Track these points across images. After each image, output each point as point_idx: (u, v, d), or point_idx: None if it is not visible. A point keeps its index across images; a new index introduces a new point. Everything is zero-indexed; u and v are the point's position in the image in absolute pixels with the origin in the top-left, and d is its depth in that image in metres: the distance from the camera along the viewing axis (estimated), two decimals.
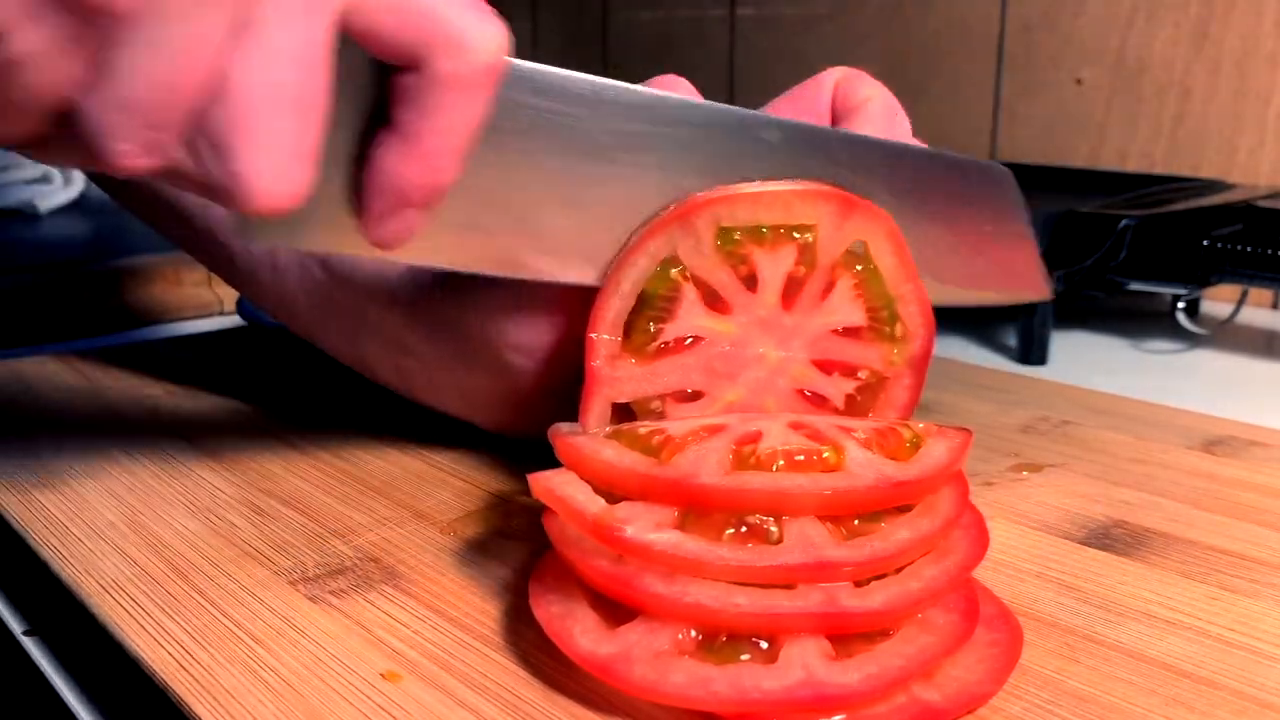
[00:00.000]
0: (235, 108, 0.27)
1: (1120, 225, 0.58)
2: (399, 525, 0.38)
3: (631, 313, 0.35)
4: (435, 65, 0.28)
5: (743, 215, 0.35)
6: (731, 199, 0.35)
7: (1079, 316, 0.70)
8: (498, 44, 0.29)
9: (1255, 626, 0.31)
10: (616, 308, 0.35)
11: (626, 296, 0.35)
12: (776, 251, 0.36)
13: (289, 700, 0.27)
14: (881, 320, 0.37)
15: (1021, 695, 0.27)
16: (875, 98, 0.40)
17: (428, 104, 0.29)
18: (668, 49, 1.20)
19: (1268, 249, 0.57)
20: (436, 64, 0.28)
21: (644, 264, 0.35)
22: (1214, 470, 0.42)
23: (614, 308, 0.35)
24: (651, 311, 0.35)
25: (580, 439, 0.30)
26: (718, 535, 0.27)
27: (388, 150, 0.30)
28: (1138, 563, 0.35)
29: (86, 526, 0.37)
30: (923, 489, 0.29)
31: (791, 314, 0.36)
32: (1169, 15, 0.79)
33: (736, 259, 0.35)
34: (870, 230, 0.36)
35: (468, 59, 0.29)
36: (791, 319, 0.36)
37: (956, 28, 0.92)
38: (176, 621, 0.31)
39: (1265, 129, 0.75)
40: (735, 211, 0.35)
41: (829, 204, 0.36)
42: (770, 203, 0.35)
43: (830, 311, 0.36)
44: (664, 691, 0.26)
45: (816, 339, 0.36)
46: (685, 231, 0.35)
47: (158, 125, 0.26)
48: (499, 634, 0.30)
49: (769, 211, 0.35)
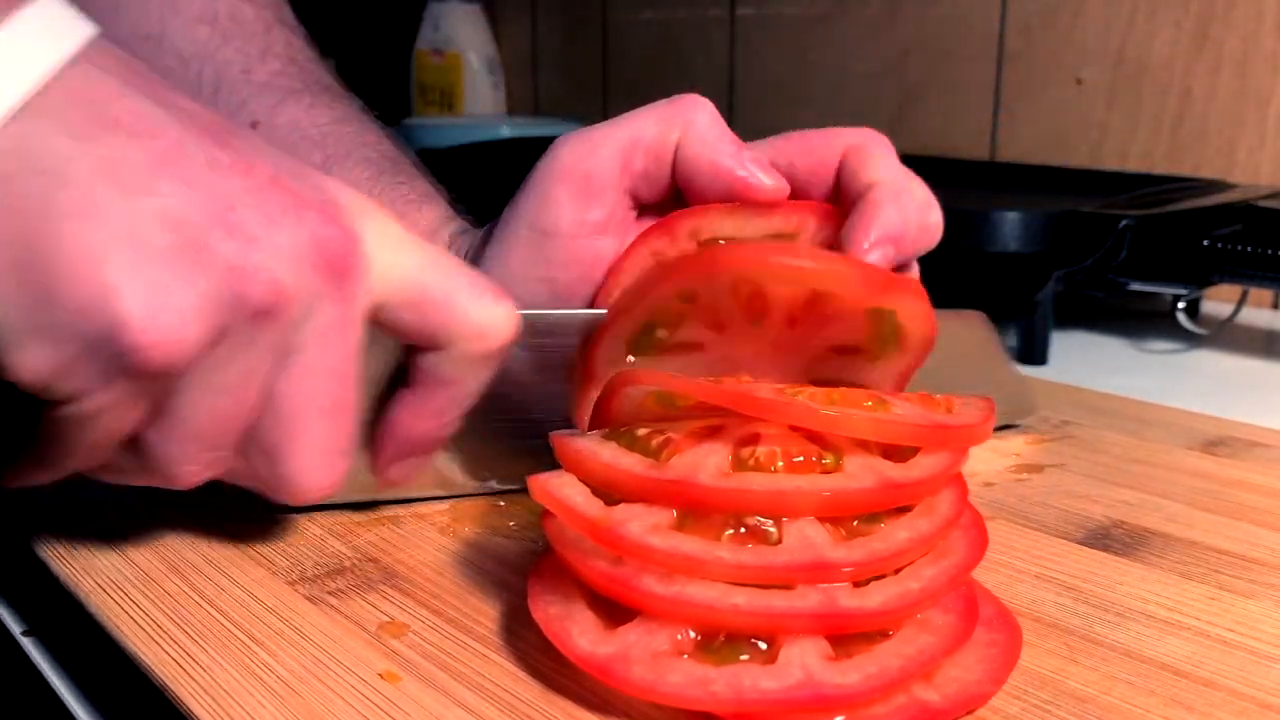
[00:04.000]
0: (282, 420, 0.30)
1: (1120, 225, 0.58)
2: (398, 525, 0.37)
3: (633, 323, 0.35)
4: (452, 351, 0.32)
5: (722, 225, 0.35)
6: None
7: (1079, 316, 0.70)
8: (508, 327, 0.33)
9: (1255, 627, 0.31)
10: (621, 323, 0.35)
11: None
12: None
13: (288, 700, 0.27)
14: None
15: (1021, 696, 0.27)
16: (883, 183, 0.37)
17: (444, 376, 0.33)
18: (668, 49, 1.20)
19: (1268, 249, 0.57)
20: (453, 350, 0.32)
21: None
22: (1214, 470, 0.42)
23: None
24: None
25: (580, 441, 0.30)
26: (716, 536, 0.27)
27: (405, 408, 0.34)
28: (1137, 563, 0.35)
29: (86, 526, 0.37)
30: (922, 491, 0.29)
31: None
32: (1169, 15, 0.79)
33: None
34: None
35: (482, 345, 0.32)
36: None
37: (956, 28, 0.92)
38: (175, 621, 0.31)
39: (1265, 129, 0.75)
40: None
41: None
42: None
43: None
44: (662, 692, 0.26)
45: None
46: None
47: (215, 446, 0.30)
48: (498, 634, 0.30)
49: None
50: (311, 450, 0.30)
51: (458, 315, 0.32)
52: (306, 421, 0.30)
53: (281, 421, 0.30)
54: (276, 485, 0.31)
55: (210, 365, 0.28)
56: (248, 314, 0.28)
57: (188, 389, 0.28)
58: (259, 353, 0.29)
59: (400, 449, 0.34)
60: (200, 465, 0.30)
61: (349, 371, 0.30)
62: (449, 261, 0.33)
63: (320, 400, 0.30)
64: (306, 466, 0.31)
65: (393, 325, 0.32)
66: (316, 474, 0.31)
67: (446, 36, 1.43)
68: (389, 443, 0.34)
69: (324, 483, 0.31)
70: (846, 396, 0.30)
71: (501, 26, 1.46)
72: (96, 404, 0.27)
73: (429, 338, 0.32)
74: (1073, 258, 0.60)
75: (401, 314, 0.32)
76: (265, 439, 0.30)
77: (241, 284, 0.27)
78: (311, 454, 0.31)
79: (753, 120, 1.06)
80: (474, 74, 1.42)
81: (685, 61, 1.18)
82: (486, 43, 1.45)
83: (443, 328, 0.32)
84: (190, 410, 0.29)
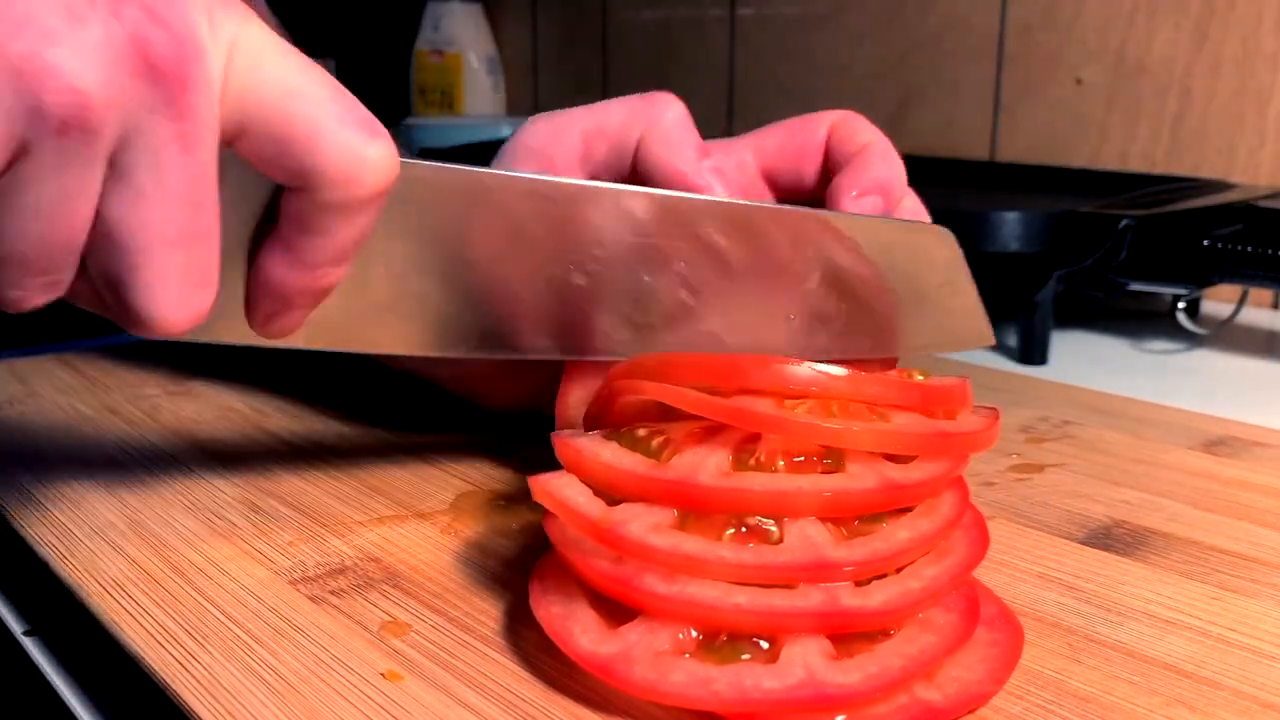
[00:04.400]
0: (121, 248, 0.27)
1: (1120, 225, 0.58)
2: (399, 524, 0.38)
3: None
4: (317, 194, 0.28)
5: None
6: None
7: (1079, 316, 0.70)
8: (383, 170, 0.28)
9: (1256, 626, 0.31)
10: None
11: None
12: None
13: (289, 700, 0.27)
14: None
15: (1023, 695, 0.27)
16: (874, 143, 0.40)
17: (311, 224, 0.29)
18: (668, 49, 1.20)
19: (1268, 249, 0.57)
20: (319, 193, 0.28)
21: None
22: (1214, 470, 0.42)
23: None
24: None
25: (580, 441, 0.31)
26: (718, 536, 0.27)
27: (272, 259, 0.30)
28: (1138, 563, 0.35)
29: (86, 526, 0.37)
30: (923, 493, 0.29)
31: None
32: (1169, 15, 0.79)
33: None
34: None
35: (351, 189, 0.28)
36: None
37: (956, 28, 0.92)
38: (176, 621, 0.31)
39: (1265, 129, 0.75)
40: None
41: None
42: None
43: None
44: (664, 691, 0.26)
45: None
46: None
47: (45, 271, 0.26)
48: (499, 634, 0.30)
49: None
50: (162, 283, 0.27)
51: (322, 152, 0.27)
52: (152, 252, 0.27)
53: (120, 251, 0.27)
54: (127, 317, 0.28)
55: (15, 184, 0.25)
56: (50, 127, 0.24)
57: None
58: (75, 171, 0.25)
59: (272, 302, 0.30)
60: (31, 290, 0.27)
61: (198, 198, 0.27)
62: (320, 83, 0.28)
63: (165, 229, 0.26)
64: (158, 299, 0.27)
65: (254, 157, 0.28)
66: (170, 308, 0.27)
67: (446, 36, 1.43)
68: (259, 294, 0.30)
69: (180, 317, 0.28)
70: (846, 407, 0.30)
71: (501, 26, 1.46)
72: None
73: (292, 176, 0.28)
74: (1073, 258, 0.60)
75: (261, 145, 0.28)
76: (105, 268, 0.27)
77: (36, 89, 0.24)
78: (163, 287, 0.27)
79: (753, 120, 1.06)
80: (474, 74, 1.42)
81: (685, 61, 1.18)
82: (486, 43, 1.45)
83: (304, 166, 0.28)
84: (4, 231, 0.25)
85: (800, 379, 0.30)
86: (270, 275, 0.30)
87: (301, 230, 0.29)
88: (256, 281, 0.30)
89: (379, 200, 0.29)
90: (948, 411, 0.31)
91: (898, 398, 0.30)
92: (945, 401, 0.31)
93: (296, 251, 0.29)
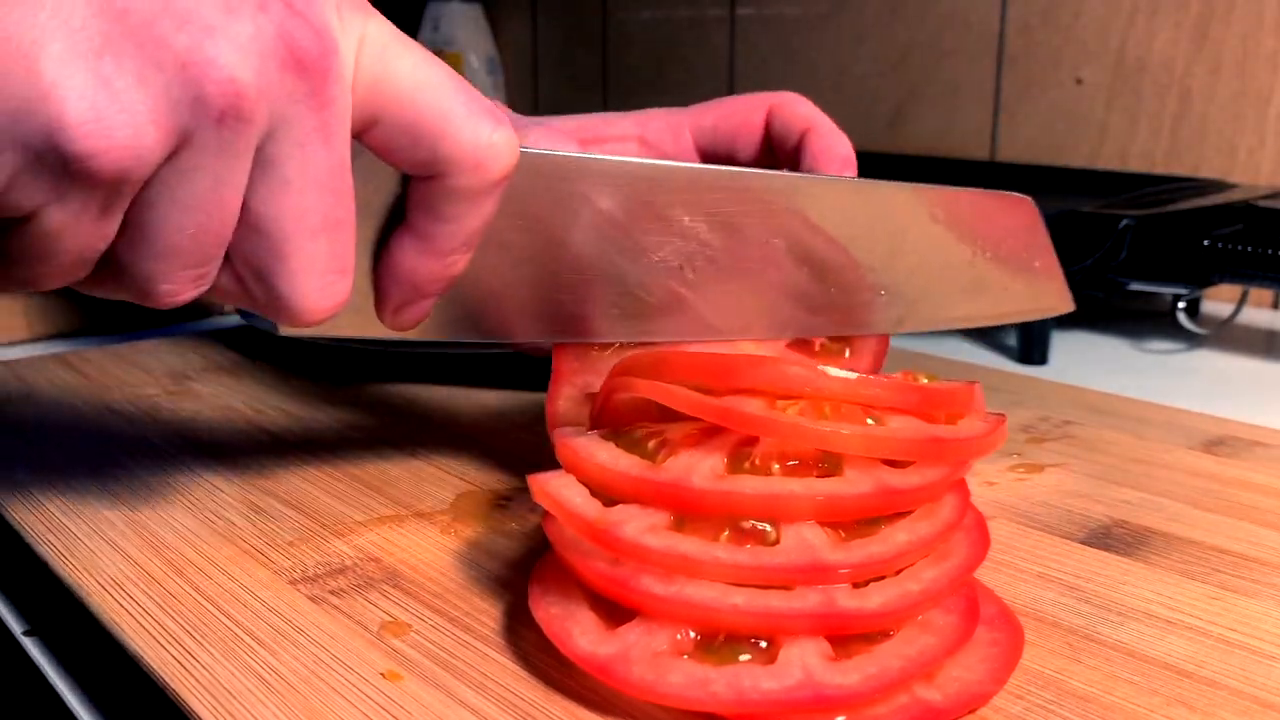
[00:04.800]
0: (269, 238, 0.28)
1: (1120, 225, 0.58)
2: (399, 524, 0.37)
3: None
4: (448, 181, 0.29)
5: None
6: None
7: (1079, 316, 0.70)
8: (508, 155, 0.30)
9: (1256, 626, 0.31)
10: None
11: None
12: None
13: (289, 699, 0.27)
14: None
15: (1023, 695, 0.27)
16: (820, 115, 0.42)
17: (442, 211, 0.30)
18: (668, 49, 1.20)
19: (1268, 249, 0.57)
20: (449, 180, 0.29)
21: None
22: (1214, 470, 0.42)
23: None
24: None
25: (579, 441, 0.30)
26: (714, 537, 0.27)
27: (404, 249, 0.31)
28: (1139, 563, 0.35)
29: (86, 526, 0.37)
30: (921, 498, 0.29)
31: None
32: (1169, 15, 0.79)
33: None
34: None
35: (480, 175, 0.29)
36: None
37: (956, 28, 0.92)
38: (176, 621, 0.31)
39: (1265, 129, 0.75)
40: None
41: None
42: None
43: None
44: (662, 692, 0.26)
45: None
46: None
47: (196, 264, 0.28)
48: (499, 634, 0.30)
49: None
50: (306, 271, 0.28)
51: (451, 140, 0.29)
52: (296, 240, 0.28)
53: (267, 240, 0.28)
54: (272, 306, 0.29)
55: (174, 175, 0.26)
56: (210, 116, 0.25)
57: (155, 202, 0.26)
58: (228, 162, 0.26)
59: (403, 291, 0.32)
60: (182, 284, 0.28)
61: (338, 186, 0.28)
62: (445, 75, 0.29)
63: (308, 218, 0.28)
64: (302, 288, 0.28)
65: (385, 148, 0.29)
66: (314, 296, 0.29)
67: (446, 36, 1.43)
68: (390, 284, 0.32)
69: (323, 305, 0.29)
70: (840, 410, 0.30)
71: (501, 26, 1.46)
72: (54, 220, 0.25)
73: (422, 165, 0.29)
74: (1073, 258, 0.59)
75: (392, 136, 0.29)
76: (252, 259, 0.28)
77: (198, 80, 0.25)
78: (306, 275, 0.28)
79: None
80: (474, 74, 1.42)
81: (685, 61, 1.18)
82: (486, 43, 1.45)
83: (436, 154, 0.29)
84: (160, 225, 0.26)
85: (794, 379, 0.29)
86: (402, 264, 0.31)
87: (433, 218, 0.30)
88: (389, 272, 0.31)
89: (503, 185, 0.30)
90: (950, 416, 0.31)
91: (895, 400, 0.30)
92: (946, 405, 0.30)
93: (428, 239, 0.30)
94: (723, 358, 0.31)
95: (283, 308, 0.29)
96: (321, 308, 0.29)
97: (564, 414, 0.35)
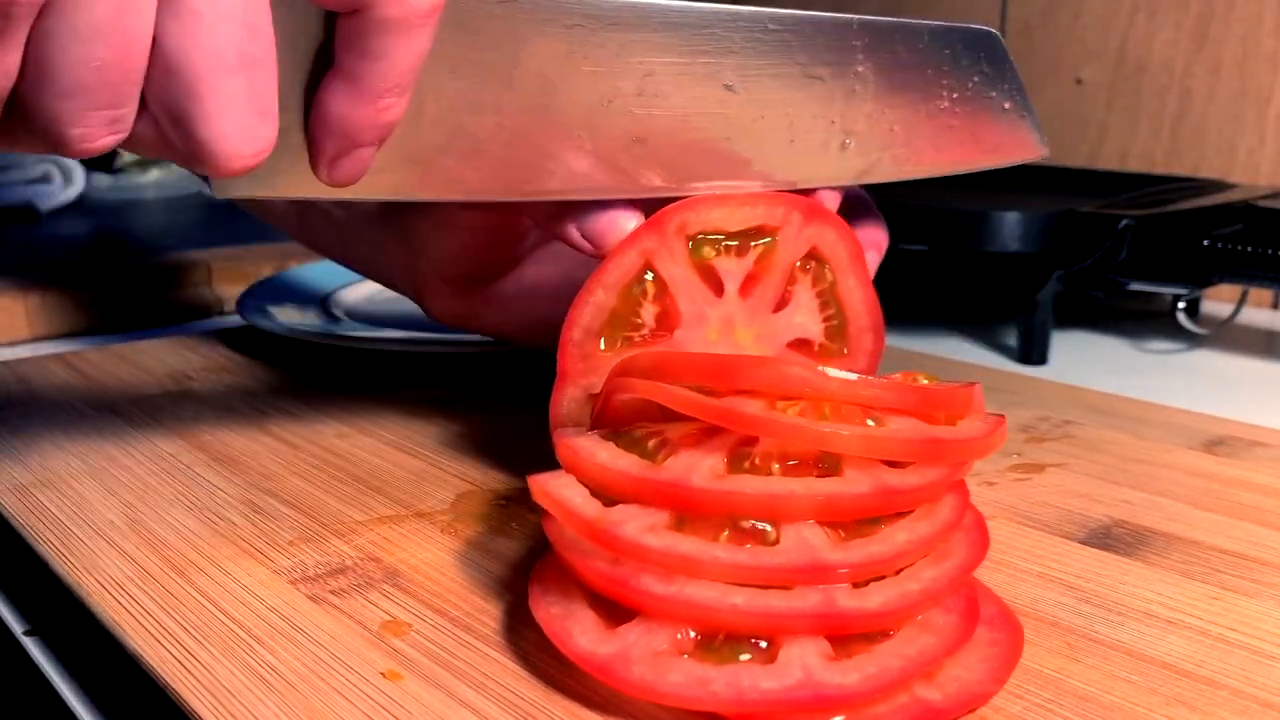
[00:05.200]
0: (182, 77, 0.26)
1: (1120, 225, 0.58)
2: (399, 524, 0.38)
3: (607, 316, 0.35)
4: (374, 10, 0.28)
5: (709, 218, 0.35)
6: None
7: (1079, 316, 0.70)
8: None
9: (1256, 626, 0.31)
10: (591, 313, 0.35)
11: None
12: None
13: (289, 699, 0.27)
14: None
15: (1023, 695, 0.27)
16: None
17: (370, 47, 0.28)
18: None
19: (1268, 249, 0.57)
20: (376, 9, 0.28)
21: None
22: (1214, 470, 0.42)
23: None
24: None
25: (578, 440, 0.30)
26: (714, 537, 0.27)
27: (334, 93, 0.29)
28: (1138, 563, 0.35)
29: (86, 525, 0.37)
30: (920, 498, 0.29)
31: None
32: (1169, 15, 0.79)
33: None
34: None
35: (407, 3, 0.28)
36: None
37: None
38: (176, 620, 0.31)
39: (1265, 129, 0.75)
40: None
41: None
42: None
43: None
44: (662, 691, 0.26)
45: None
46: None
47: (107, 105, 0.26)
48: (499, 633, 0.30)
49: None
50: (223, 112, 0.27)
51: None
52: (211, 79, 0.27)
53: (180, 79, 0.26)
54: (192, 153, 0.28)
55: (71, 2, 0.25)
56: None
57: (55, 32, 0.25)
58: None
59: (335, 141, 0.30)
60: (94, 127, 0.27)
61: (253, 21, 0.27)
62: None
63: (223, 54, 0.26)
64: (220, 130, 0.27)
65: None
66: (234, 140, 0.27)
67: None
68: (322, 133, 0.30)
69: (244, 150, 0.28)
70: (839, 410, 0.30)
71: None
72: None
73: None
74: (1073, 258, 0.60)
75: None
76: (167, 100, 0.27)
77: None
78: (224, 117, 0.27)
79: None
80: None
81: None
82: None
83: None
84: (60, 58, 0.25)
85: (793, 380, 0.29)
86: (332, 109, 0.30)
87: (361, 55, 0.29)
88: (319, 120, 0.30)
89: (434, 17, 0.29)
90: (949, 417, 0.31)
91: (894, 401, 0.30)
92: (946, 406, 0.30)
93: (357, 80, 0.29)
94: (723, 358, 0.31)
95: (203, 154, 0.28)
96: (243, 153, 0.28)
97: (567, 414, 0.35)
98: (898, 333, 0.65)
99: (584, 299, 0.35)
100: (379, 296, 0.67)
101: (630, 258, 0.35)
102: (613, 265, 0.35)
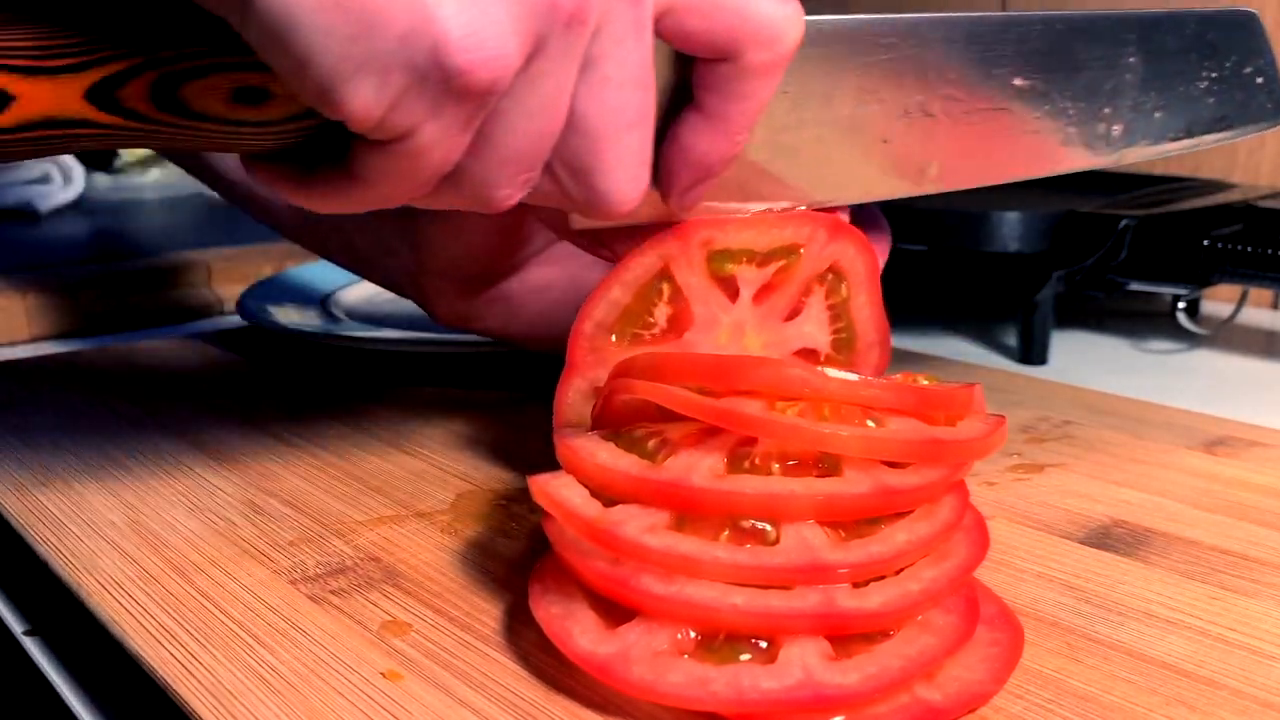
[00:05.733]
0: (589, 136, 0.29)
1: (1120, 225, 0.58)
2: (399, 524, 0.38)
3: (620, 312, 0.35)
4: (745, 59, 0.30)
5: (734, 238, 0.35)
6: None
7: (1079, 316, 0.70)
8: (799, 25, 0.31)
9: (1256, 626, 0.31)
10: (605, 308, 0.35)
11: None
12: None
13: (290, 699, 0.27)
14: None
15: (1023, 695, 0.27)
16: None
17: (736, 90, 0.31)
18: None
19: (1268, 249, 0.57)
20: (746, 57, 0.30)
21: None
22: (1214, 470, 0.42)
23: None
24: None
25: (578, 440, 0.31)
26: (714, 537, 0.27)
27: (696, 131, 0.32)
28: (1138, 562, 0.35)
29: (86, 526, 0.37)
30: (920, 498, 0.29)
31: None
32: None
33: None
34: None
35: (775, 49, 0.30)
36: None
37: None
38: (177, 621, 0.31)
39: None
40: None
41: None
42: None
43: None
44: (662, 691, 0.26)
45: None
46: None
47: (530, 168, 0.29)
48: (499, 633, 0.30)
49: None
50: (619, 166, 0.30)
51: (748, 17, 0.30)
52: (612, 137, 0.29)
53: (587, 139, 0.29)
54: (589, 202, 0.31)
55: (527, 83, 0.27)
56: (560, 21, 0.27)
57: (507, 111, 0.28)
58: (569, 65, 0.28)
59: (694, 173, 0.32)
60: (516, 188, 0.30)
61: (646, 80, 0.29)
62: None
63: (624, 113, 0.29)
64: (616, 182, 0.30)
65: (677, 32, 0.30)
66: (625, 189, 0.30)
67: None
68: (681, 168, 0.32)
69: (632, 196, 0.30)
70: (839, 411, 0.30)
71: None
72: (427, 136, 0.27)
73: (718, 46, 0.30)
74: (1073, 258, 0.60)
75: (687, 19, 0.30)
76: (572, 158, 0.30)
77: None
78: (619, 170, 0.30)
79: None
80: None
81: None
82: None
83: (732, 32, 0.30)
84: (509, 133, 0.28)
85: (793, 381, 0.29)
86: (696, 147, 0.32)
87: (726, 98, 0.31)
88: (681, 156, 0.32)
89: (789, 60, 0.31)
90: (949, 417, 0.31)
91: (894, 402, 0.30)
92: (946, 407, 0.31)
93: (721, 120, 0.31)
94: (722, 359, 0.31)
95: (599, 203, 0.30)
96: (631, 200, 0.30)
97: (573, 406, 0.35)
98: (898, 333, 0.65)
99: (599, 294, 0.35)
100: (379, 296, 0.67)
101: (650, 260, 0.35)
102: (632, 264, 0.35)
